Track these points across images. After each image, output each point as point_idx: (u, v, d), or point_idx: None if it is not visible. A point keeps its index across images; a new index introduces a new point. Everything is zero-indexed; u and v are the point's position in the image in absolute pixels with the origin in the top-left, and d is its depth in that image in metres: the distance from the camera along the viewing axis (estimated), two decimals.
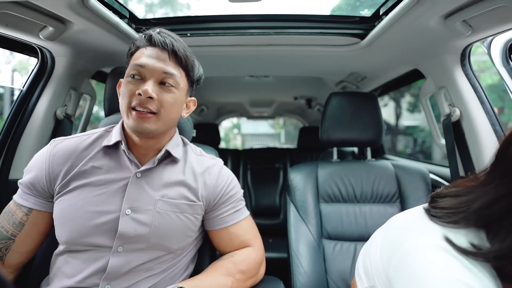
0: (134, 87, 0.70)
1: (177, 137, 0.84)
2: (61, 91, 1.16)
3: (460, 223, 0.45)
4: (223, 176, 0.83)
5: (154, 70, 0.70)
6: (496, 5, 0.74)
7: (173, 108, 0.73)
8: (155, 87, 0.70)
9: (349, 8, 1.55)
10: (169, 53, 0.71)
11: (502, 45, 1.03)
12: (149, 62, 0.70)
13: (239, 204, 0.85)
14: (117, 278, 0.68)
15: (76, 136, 0.80)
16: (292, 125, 12.98)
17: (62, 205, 0.71)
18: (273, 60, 1.44)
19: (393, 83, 1.75)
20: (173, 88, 0.72)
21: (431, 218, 0.48)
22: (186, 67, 0.74)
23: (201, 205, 0.78)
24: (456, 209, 0.47)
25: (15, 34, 0.91)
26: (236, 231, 0.83)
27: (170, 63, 0.72)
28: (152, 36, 0.71)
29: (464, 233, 0.45)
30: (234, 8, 0.98)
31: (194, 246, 0.83)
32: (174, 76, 0.71)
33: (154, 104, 0.69)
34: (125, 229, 0.69)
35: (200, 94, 2.63)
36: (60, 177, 0.73)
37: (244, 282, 0.78)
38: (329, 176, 1.19)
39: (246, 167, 2.56)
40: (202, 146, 1.07)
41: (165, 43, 0.71)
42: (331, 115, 1.25)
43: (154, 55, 0.71)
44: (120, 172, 0.74)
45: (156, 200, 0.73)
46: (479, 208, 0.44)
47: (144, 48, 0.72)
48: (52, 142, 0.77)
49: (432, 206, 0.50)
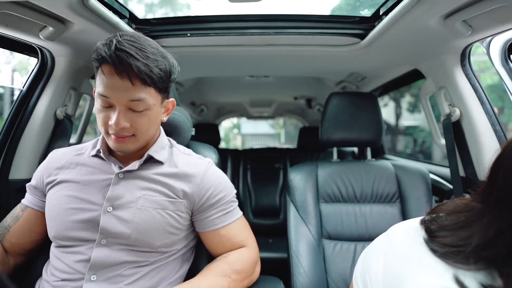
0: (106, 117, 0.69)
1: (162, 140, 0.83)
2: (61, 91, 1.16)
3: (465, 263, 0.39)
4: (209, 177, 0.81)
5: (120, 100, 0.67)
6: (496, 5, 0.74)
7: (150, 127, 0.74)
8: (127, 114, 0.68)
9: (349, 8, 1.55)
10: (130, 78, 0.64)
11: (501, 45, 1.04)
12: (113, 93, 0.66)
13: (230, 206, 0.83)
14: (102, 268, 0.70)
15: (73, 147, 0.87)
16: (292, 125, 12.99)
17: (50, 203, 0.77)
18: (273, 60, 1.44)
19: (393, 83, 1.75)
20: (146, 111, 0.70)
21: (434, 253, 0.42)
22: (154, 83, 0.68)
23: (184, 202, 0.77)
24: (456, 248, 0.40)
25: (15, 34, 0.91)
26: (227, 233, 0.82)
27: (135, 87, 0.66)
28: (106, 58, 0.63)
29: (473, 274, 0.38)
30: (234, 8, 0.98)
31: (184, 246, 0.83)
32: (143, 100, 0.68)
33: (130, 130, 0.70)
34: (106, 225, 0.72)
35: (200, 94, 2.63)
36: (52, 176, 0.79)
37: (240, 282, 0.78)
38: (329, 176, 1.19)
39: (246, 167, 2.56)
40: (202, 145, 1.07)
41: (123, 68, 0.63)
42: (331, 115, 1.25)
43: (116, 82, 0.65)
44: (103, 172, 0.78)
45: (138, 197, 0.74)
46: (478, 248, 0.38)
47: (104, 67, 0.66)
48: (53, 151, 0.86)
49: (431, 237, 0.44)
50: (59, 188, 0.77)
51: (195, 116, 3.04)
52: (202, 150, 1.02)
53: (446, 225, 0.44)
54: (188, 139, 1.04)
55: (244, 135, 15.47)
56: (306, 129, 2.68)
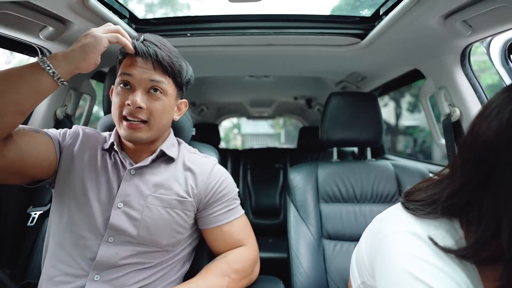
0: (123, 97, 0.72)
1: (172, 138, 0.87)
2: (61, 91, 1.16)
3: (431, 214, 0.49)
4: (215, 174, 0.84)
5: (141, 79, 0.71)
6: (496, 5, 0.74)
7: (163, 115, 0.76)
8: (144, 96, 0.72)
9: (349, 8, 1.55)
10: (153, 62, 0.72)
11: (501, 45, 1.03)
12: (136, 72, 0.71)
13: (233, 203, 0.86)
14: (106, 269, 0.70)
15: (93, 130, 0.85)
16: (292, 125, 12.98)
17: (59, 193, 0.75)
18: (273, 60, 1.44)
19: (393, 83, 1.75)
20: (162, 96, 0.74)
21: (406, 210, 0.52)
22: (173, 74, 0.75)
23: (191, 201, 0.79)
24: (426, 201, 0.50)
25: (15, 34, 0.92)
26: (229, 230, 0.83)
27: (156, 71, 0.72)
28: (136, 47, 0.72)
29: (437, 224, 0.48)
30: (234, 8, 0.98)
31: (188, 244, 0.84)
32: (161, 83, 0.73)
33: (144, 113, 0.72)
34: (116, 221, 0.72)
35: (200, 94, 2.63)
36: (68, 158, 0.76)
37: (239, 282, 0.78)
38: (329, 176, 1.19)
39: (246, 167, 2.56)
40: (202, 145, 1.07)
41: (148, 53, 0.71)
42: (331, 115, 1.25)
43: (140, 64, 0.72)
44: (115, 169, 0.78)
45: (147, 195, 0.75)
46: (445, 199, 0.48)
47: (130, 58, 0.73)
48: (77, 127, 0.83)
49: (406, 199, 0.54)
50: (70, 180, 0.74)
51: (195, 116, 3.04)
52: (202, 150, 1.02)
53: (421, 187, 0.55)
54: (188, 139, 1.05)
55: (244, 135, 15.46)
56: (306, 129, 2.68)
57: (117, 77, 0.74)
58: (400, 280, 0.44)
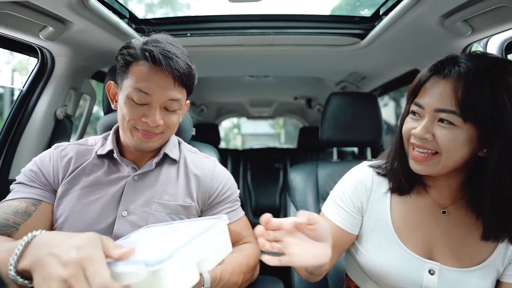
0: (138, 111, 0.68)
1: (174, 138, 0.85)
2: (61, 91, 1.16)
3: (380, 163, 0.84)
4: (217, 175, 0.83)
5: (160, 98, 0.67)
6: (496, 5, 0.74)
7: (177, 126, 0.76)
8: (161, 112, 0.69)
9: (349, 8, 1.55)
10: (174, 77, 0.67)
11: (499, 44, 1.03)
12: (156, 91, 0.66)
13: (235, 204, 0.85)
14: None
15: (76, 142, 0.80)
16: (292, 125, 12.97)
17: (62, 211, 0.71)
18: (273, 60, 1.44)
19: (393, 83, 1.75)
20: (178, 110, 0.73)
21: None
22: (189, 85, 0.73)
23: (195, 206, 0.78)
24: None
25: (15, 34, 0.91)
26: (234, 231, 0.83)
27: (176, 87, 0.68)
28: (155, 56, 0.65)
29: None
30: (234, 8, 0.98)
31: None
32: (179, 100, 0.71)
33: (161, 128, 0.71)
34: (121, 231, 0.70)
35: (200, 94, 2.63)
36: (61, 179, 0.73)
37: (248, 273, 0.77)
38: (329, 176, 1.19)
39: (246, 167, 2.56)
40: (202, 145, 1.07)
41: (170, 67, 0.65)
42: (331, 115, 1.25)
43: (159, 80, 0.66)
44: (117, 175, 0.75)
45: (152, 202, 0.74)
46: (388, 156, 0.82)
47: (144, 65, 0.66)
48: (56, 146, 0.77)
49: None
50: (71, 194, 0.72)
51: (195, 116, 3.04)
52: (202, 150, 1.02)
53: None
54: (188, 139, 1.05)
55: (244, 135, 15.46)
56: (306, 129, 2.68)
57: (128, 89, 0.67)
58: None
